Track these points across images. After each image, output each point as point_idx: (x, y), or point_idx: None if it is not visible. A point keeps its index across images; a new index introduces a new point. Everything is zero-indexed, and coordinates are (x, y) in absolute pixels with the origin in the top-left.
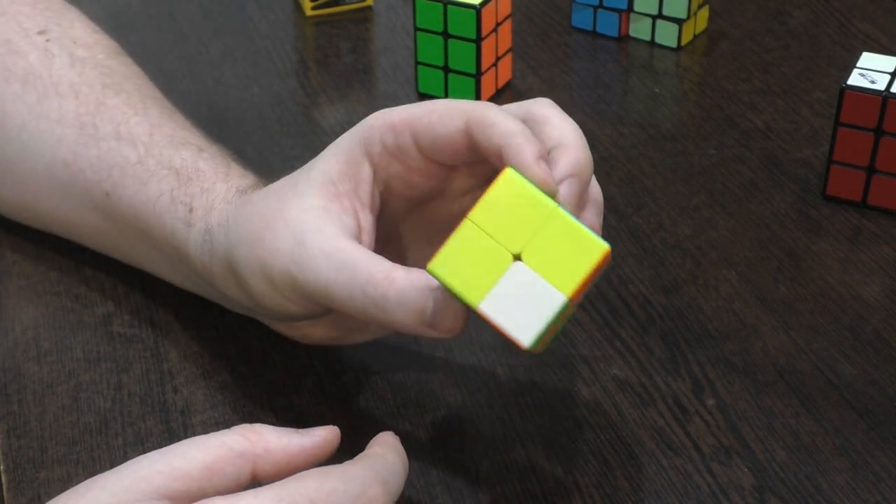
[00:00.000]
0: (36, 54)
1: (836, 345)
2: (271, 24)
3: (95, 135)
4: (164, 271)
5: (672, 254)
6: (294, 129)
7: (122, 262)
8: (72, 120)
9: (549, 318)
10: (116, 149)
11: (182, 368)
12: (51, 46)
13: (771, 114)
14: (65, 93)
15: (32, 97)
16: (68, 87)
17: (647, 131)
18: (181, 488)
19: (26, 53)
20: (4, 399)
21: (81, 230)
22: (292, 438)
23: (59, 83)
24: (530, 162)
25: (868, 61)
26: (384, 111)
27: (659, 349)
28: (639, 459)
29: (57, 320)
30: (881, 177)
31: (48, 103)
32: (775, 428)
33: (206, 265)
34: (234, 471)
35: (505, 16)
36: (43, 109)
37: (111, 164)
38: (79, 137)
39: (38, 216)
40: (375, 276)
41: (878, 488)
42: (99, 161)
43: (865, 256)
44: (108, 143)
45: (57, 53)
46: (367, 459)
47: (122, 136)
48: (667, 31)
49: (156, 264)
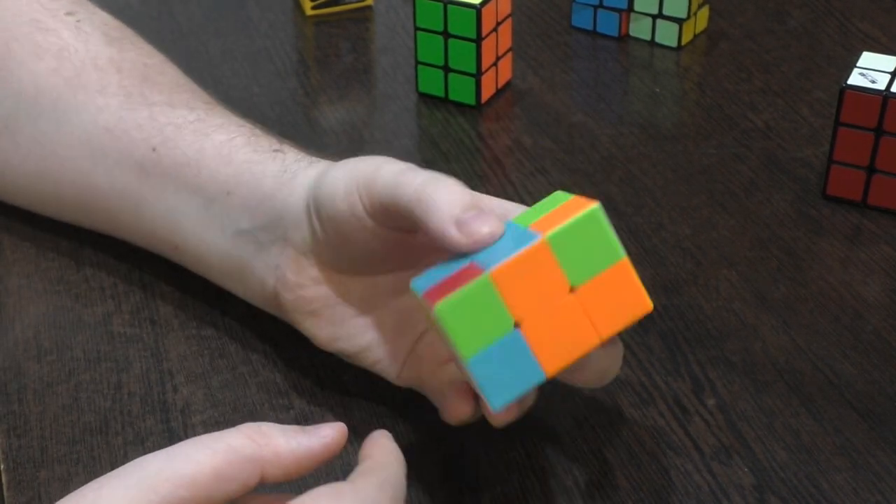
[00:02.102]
0: (69, 32)
1: (836, 345)
2: (271, 24)
3: (144, 101)
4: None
5: (672, 253)
6: (294, 129)
7: (124, 261)
8: (115, 90)
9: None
10: (170, 112)
11: (182, 368)
12: (82, 26)
13: (771, 114)
14: (105, 67)
15: (69, 70)
16: (108, 62)
17: (647, 131)
18: (188, 496)
19: (58, 31)
20: (4, 398)
21: (105, 197)
22: (301, 441)
23: (97, 57)
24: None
25: (868, 61)
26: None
27: (659, 349)
28: (639, 459)
29: (57, 319)
30: (881, 176)
31: (87, 75)
32: (775, 428)
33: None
34: (243, 476)
35: (505, 15)
36: (81, 81)
37: (164, 123)
38: (125, 104)
39: (57, 190)
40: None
41: (878, 488)
42: (149, 120)
43: (865, 256)
44: (161, 107)
45: (91, 32)
46: (375, 473)
47: (176, 103)
48: (667, 30)
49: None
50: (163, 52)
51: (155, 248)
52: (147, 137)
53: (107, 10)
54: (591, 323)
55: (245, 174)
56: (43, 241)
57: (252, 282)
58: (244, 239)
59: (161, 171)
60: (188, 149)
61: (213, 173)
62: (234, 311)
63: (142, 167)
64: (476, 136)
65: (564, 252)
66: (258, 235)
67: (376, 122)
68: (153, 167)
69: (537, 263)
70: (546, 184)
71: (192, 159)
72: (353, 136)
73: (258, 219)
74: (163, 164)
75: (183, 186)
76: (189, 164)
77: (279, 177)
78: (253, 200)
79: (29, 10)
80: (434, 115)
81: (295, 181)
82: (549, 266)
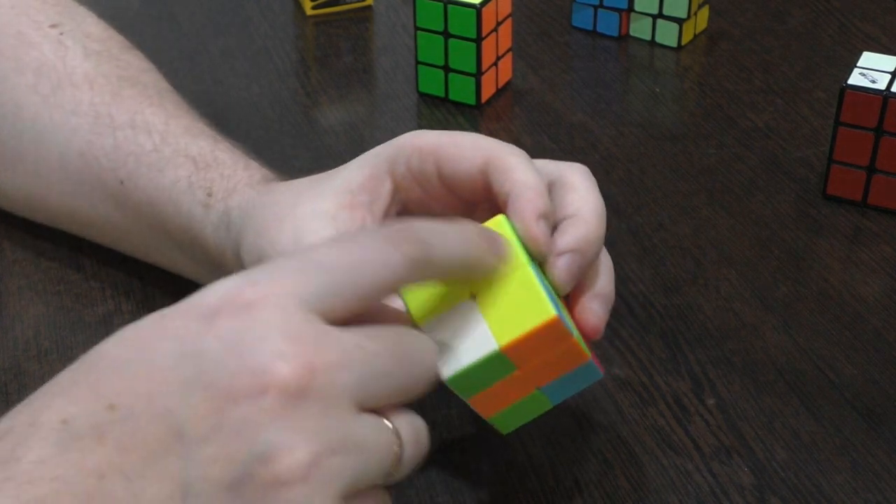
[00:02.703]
0: (49, 46)
1: (836, 345)
2: (271, 24)
3: (111, 124)
4: (175, 261)
5: (672, 253)
6: (294, 129)
7: (124, 261)
8: (86, 110)
9: (474, 361)
10: (132, 137)
11: None
12: (64, 39)
13: (771, 113)
14: (79, 83)
15: (46, 87)
16: (83, 78)
17: (647, 131)
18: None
19: (39, 45)
20: (4, 399)
21: (92, 220)
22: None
23: (73, 74)
24: (529, 219)
25: (868, 61)
26: (418, 132)
27: (659, 349)
28: (639, 459)
29: (57, 319)
30: (881, 176)
31: (62, 94)
32: (775, 427)
33: (221, 248)
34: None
35: (505, 15)
36: (57, 100)
37: (126, 153)
38: (94, 127)
39: (47, 207)
40: None
41: (878, 487)
42: (115, 150)
43: (865, 256)
44: (124, 131)
45: (70, 46)
46: None
47: (138, 125)
48: (667, 30)
49: (167, 254)
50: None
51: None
52: (114, 169)
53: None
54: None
55: (193, 226)
56: (43, 241)
57: None
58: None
59: (133, 206)
60: (147, 187)
61: (170, 217)
62: None
63: (115, 199)
64: None
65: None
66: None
67: (376, 122)
68: (125, 200)
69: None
70: None
71: (152, 199)
72: (353, 136)
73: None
74: (132, 200)
75: (153, 224)
76: (150, 203)
77: (213, 239)
78: (215, 250)
79: (16, 23)
80: (434, 115)
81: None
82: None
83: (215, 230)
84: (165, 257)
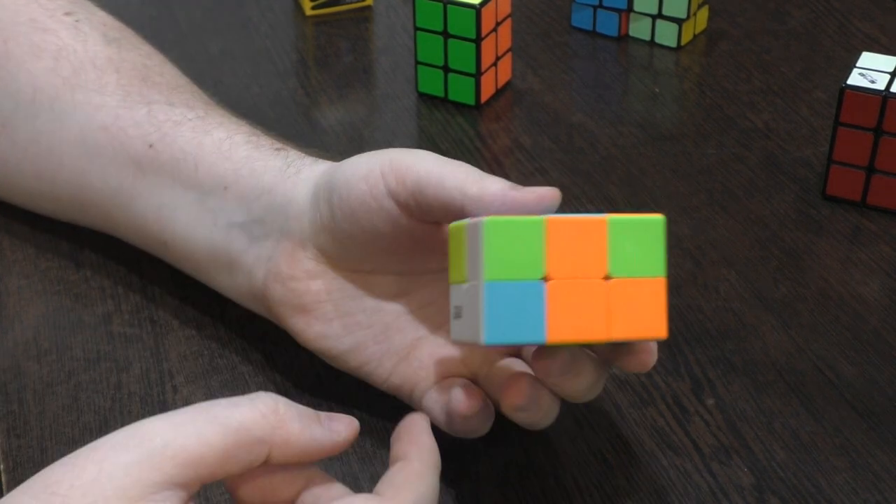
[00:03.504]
0: (66, 32)
1: (836, 345)
2: (271, 24)
3: (143, 100)
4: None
5: (672, 254)
6: (294, 129)
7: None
8: (113, 90)
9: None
10: (169, 110)
11: (182, 368)
12: (81, 26)
13: (771, 114)
14: (104, 66)
15: (67, 69)
16: (106, 62)
17: (647, 131)
18: (192, 475)
19: (55, 31)
20: (4, 399)
21: (100, 194)
22: (314, 433)
23: (95, 58)
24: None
25: (868, 61)
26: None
27: (659, 349)
28: (639, 459)
29: (57, 320)
30: (881, 176)
31: (85, 74)
32: (775, 428)
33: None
34: (250, 458)
35: (505, 15)
36: (80, 80)
37: (162, 120)
38: (123, 102)
39: (53, 189)
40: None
41: (878, 488)
42: (147, 117)
43: (865, 256)
44: (160, 105)
45: (89, 32)
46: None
47: (175, 102)
48: (667, 30)
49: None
50: (163, 53)
51: (145, 244)
52: (144, 134)
53: (107, 10)
54: (608, 318)
55: (244, 169)
56: (43, 241)
57: (240, 275)
58: (236, 232)
59: (157, 168)
60: (186, 145)
61: (210, 168)
62: (234, 311)
63: (137, 164)
64: (476, 136)
65: (618, 240)
66: (252, 229)
67: (376, 122)
68: (149, 164)
69: (590, 235)
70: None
71: (189, 154)
72: (353, 136)
73: (255, 212)
74: (159, 160)
75: (178, 181)
76: (186, 159)
77: (281, 171)
78: (252, 194)
79: (27, 11)
80: (434, 115)
81: (299, 175)
82: (598, 243)
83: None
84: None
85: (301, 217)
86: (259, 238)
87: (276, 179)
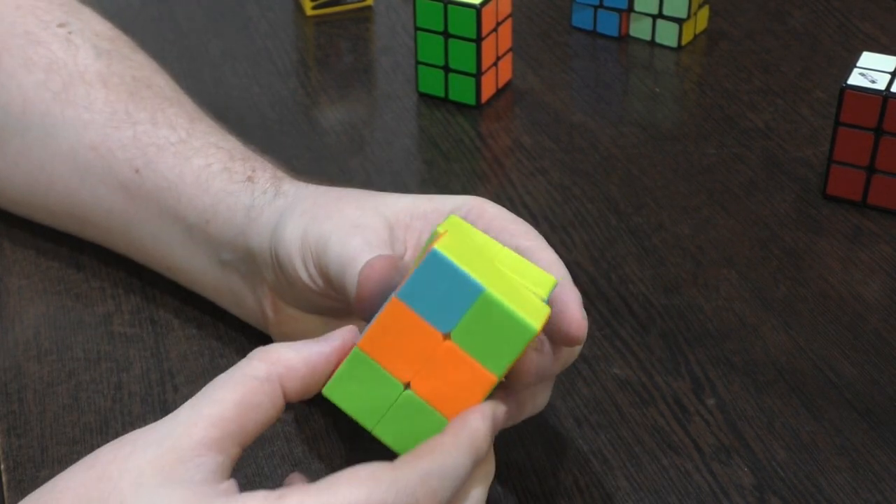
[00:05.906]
0: (59, 44)
1: (836, 345)
2: (271, 24)
3: (129, 119)
4: (177, 253)
5: (672, 253)
6: (294, 129)
7: (124, 261)
8: (101, 107)
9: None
10: (153, 131)
11: (182, 368)
12: (73, 38)
13: (771, 114)
14: (92, 81)
15: (57, 84)
16: (96, 76)
17: (647, 131)
18: (220, 435)
19: (48, 43)
20: (4, 398)
21: (93, 215)
22: (311, 349)
23: (85, 72)
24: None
25: (868, 61)
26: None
27: (659, 349)
28: (639, 459)
29: (57, 319)
30: (881, 176)
31: (74, 90)
32: (775, 427)
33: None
34: (266, 399)
35: (505, 15)
36: (69, 96)
37: (147, 144)
38: (110, 121)
39: (47, 203)
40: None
41: (878, 488)
42: (133, 141)
43: (865, 256)
44: (145, 126)
45: (80, 45)
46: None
47: (160, 121)
48: (667, 30)
49: (170, 245)
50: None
51: (151, 266)
52: (130, 158)
53: (107, 10)
54: (478, 363)
55: (220, 205)
56: (43, 241)
57: (247, 308)
58: (229, 269)
59: (144, 194)
60: (169, 173)
61: (191, 201)
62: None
63: (126, 188)
64: (476, 135)
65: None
66: (240, 266)
67: (376, 122)
68: (136, 189)
69: (398, 321)
70: (546, 184)
71: (172, 184)
72: (353, 136)
73: (237, 251)
74: (145, 188)
75: (165, 211)
76: (170, 188)
77: (248, 213)
78: (230, 233)
79: (23, 23)
80: (434, 115)
81: (261, 220)
82: (411, 321)
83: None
84: (167, 247)
85: (267, 268)
86: (248, 276)
87: (245, 221)
